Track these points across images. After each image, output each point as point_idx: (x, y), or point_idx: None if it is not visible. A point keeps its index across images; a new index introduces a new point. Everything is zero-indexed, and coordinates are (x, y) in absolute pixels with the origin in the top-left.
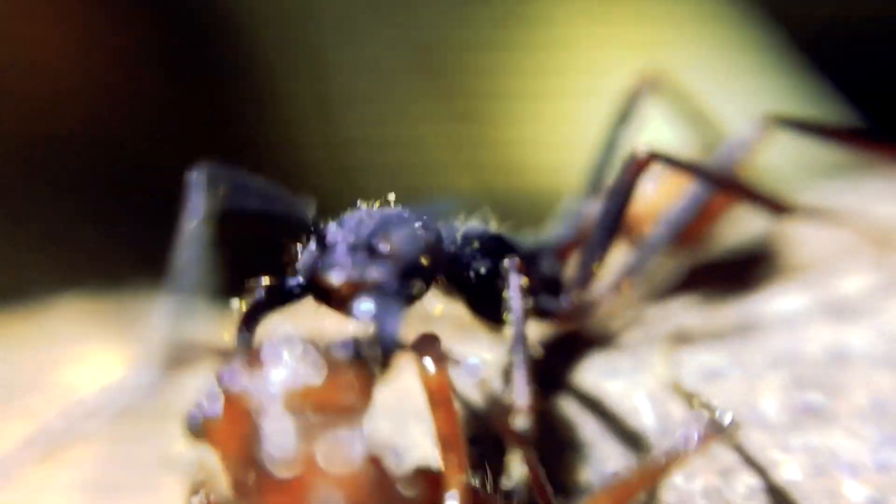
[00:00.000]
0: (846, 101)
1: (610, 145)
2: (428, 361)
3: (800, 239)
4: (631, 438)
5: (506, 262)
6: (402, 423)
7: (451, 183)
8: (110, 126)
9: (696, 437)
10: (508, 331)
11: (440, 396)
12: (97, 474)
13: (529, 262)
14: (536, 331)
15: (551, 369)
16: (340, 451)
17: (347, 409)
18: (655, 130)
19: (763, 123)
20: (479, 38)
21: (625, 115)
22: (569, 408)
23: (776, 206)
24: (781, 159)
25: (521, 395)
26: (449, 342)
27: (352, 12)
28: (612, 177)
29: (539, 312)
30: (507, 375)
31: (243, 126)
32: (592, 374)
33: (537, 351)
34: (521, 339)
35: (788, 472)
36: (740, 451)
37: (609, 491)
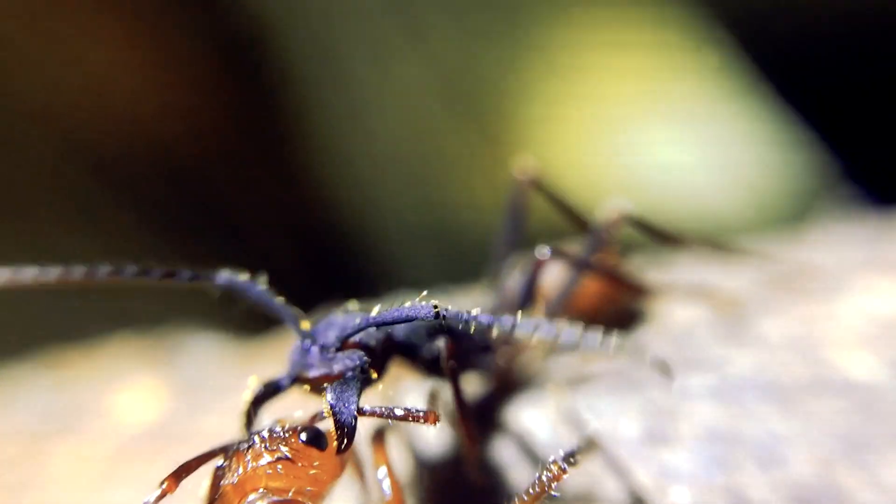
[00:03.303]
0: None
1: (508, 232)
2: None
3: (671, 308)
4: (531, 456)
5: (438, 343)
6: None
7: (473, 200)
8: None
9: (570, 457)
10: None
11: (387, 471)
12: None
13: (466, 334)
14: (476, 383)
15: (484, 408)
16: None
17: (315, 484)
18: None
19: (614, 218)
20: (501, 60)
21: (514, 208)
22: (492, 435)
23: (640, 289)
24: None
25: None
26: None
27: (382, 36)
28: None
29: (477, 370)
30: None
31: (284, 143)
32: (509, 408)
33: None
34: (457, 397)
35: (639, 480)
36: (606, 464)
37: None
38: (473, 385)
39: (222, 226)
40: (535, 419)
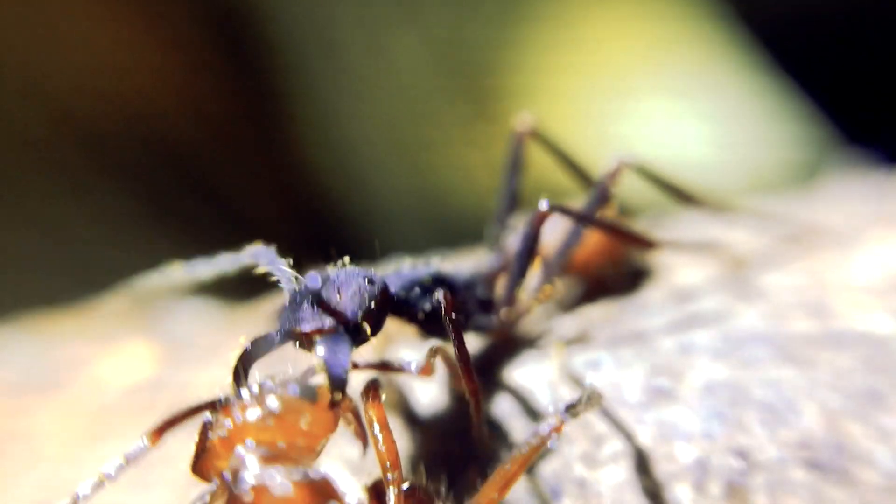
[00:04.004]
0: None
1: (509, 187)
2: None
3: (676, 265)
4: (531, 413)
5: (437, 294)
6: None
7: (468, 179)
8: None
9: (570, 408)
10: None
11: (381, 424)
12: None
13: (466, 290)
14: (475, 341)
15: (483, 366)
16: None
17: (307, 438)
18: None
19: (617, 168)
20: (497, 37)
21: (515, 162)
22: (491, 393)
23: (646, 242)
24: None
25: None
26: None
27: (375, 12)
28: (517, 217)
29: (476, 328)
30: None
31: (277, 120)
32: (508, 366)
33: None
34: (459, 349)
35: (641, 438)
36: (608, 422)
37: (511, 462)
38: (473, 343)
39: (215, 199)
40: (535, 377)
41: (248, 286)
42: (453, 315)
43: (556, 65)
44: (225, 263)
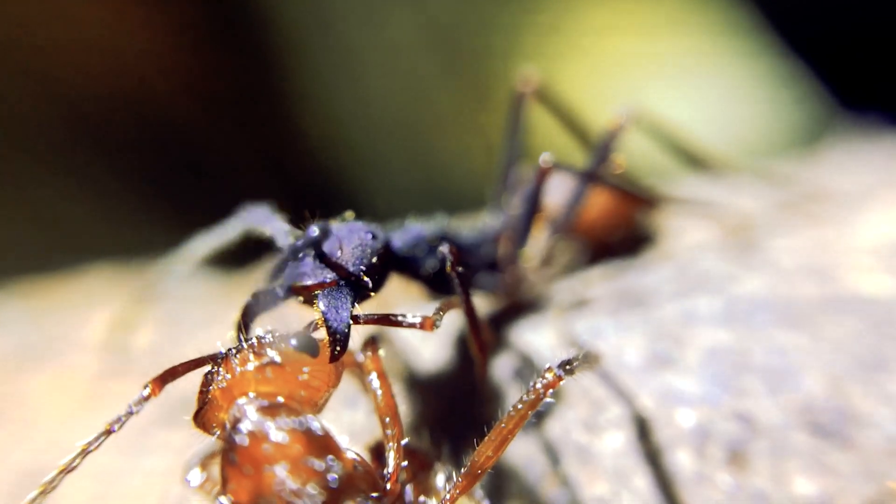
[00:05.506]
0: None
1: (511, 145)
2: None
3: (679, 229)
4: (531, 376)
5: (441, 248)
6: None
7: (465, 161)
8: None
9: (566, 364)
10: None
11: (380, 379)
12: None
13: (470, 249)
14: (479, 303)
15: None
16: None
17: (307, 390)
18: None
19: (621, 123)
20: (496, 21)
21: (516, 119)
22: (493, 356)
23: (649, 200)
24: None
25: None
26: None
27: None
28: (520, 175)
29: (481, 288)
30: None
31: (273, 100)
32: (510, 330)
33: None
34: (466, 302)
35: (642, 403)
36: (608, 387)
37: (507, 420)
38: (477, 305)
39: (209, 177)
40: (537, 341)
41: (241, 254)
42: (460, 268)
43: (555, 50)
44: (223, 235)
